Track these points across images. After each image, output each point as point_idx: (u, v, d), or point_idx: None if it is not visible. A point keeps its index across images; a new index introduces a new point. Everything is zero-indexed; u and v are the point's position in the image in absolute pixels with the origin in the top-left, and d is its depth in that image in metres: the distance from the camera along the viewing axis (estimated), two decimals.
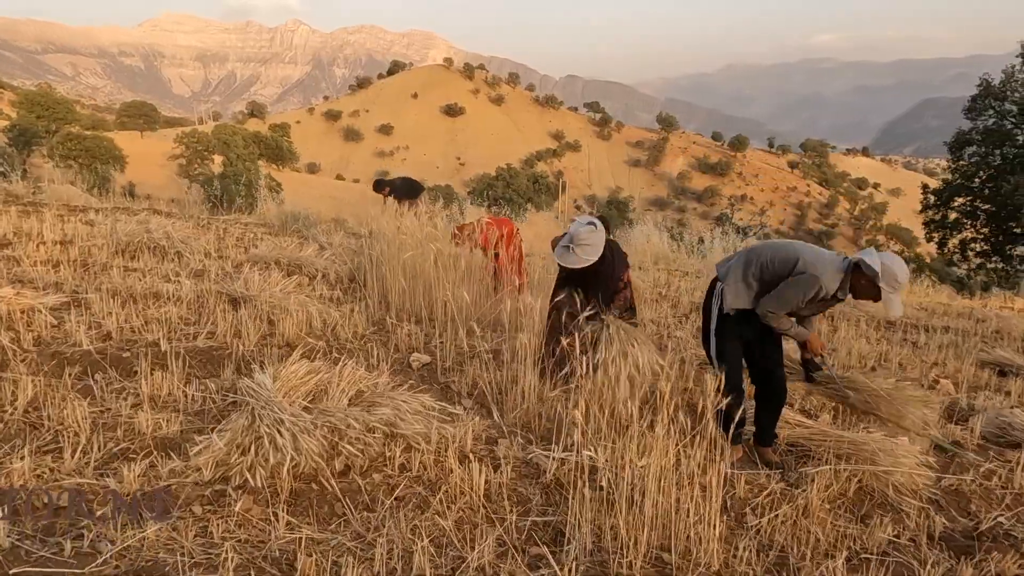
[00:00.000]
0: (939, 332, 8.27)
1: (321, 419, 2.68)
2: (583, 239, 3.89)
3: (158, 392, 3.18)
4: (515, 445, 3.00)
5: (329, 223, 9.70)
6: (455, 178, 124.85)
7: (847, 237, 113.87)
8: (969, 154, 18.23)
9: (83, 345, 3.78)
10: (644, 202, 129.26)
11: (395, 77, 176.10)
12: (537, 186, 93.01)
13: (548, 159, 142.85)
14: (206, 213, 10.37)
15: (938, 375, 5.62)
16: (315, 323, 4.72)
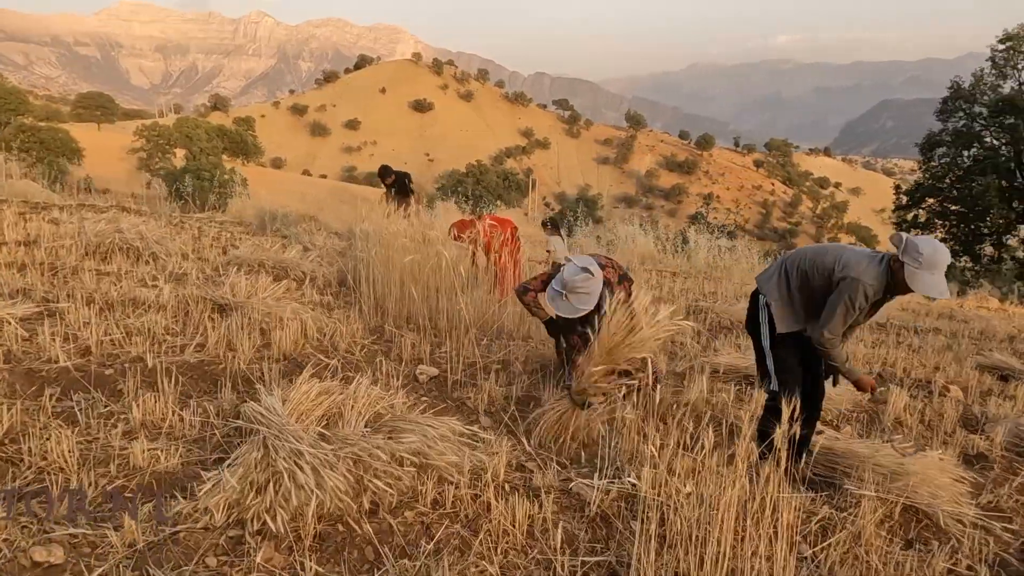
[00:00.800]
0: (930, 334, 8.29)
1: (343, 450, 2.40)
2: (579, 287, 3.56)
3: (150, 417, 2.86)
4: (550, 472, 2.76)
5: (310, 222, 9.31)
6: (424, 174, 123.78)
7: (810, 235, 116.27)
8: (939, 155, 18.55)
9: (60, 361, 3.42)
10: (613, 199, 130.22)
11: (363, 71, 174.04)
12: (507, 183, 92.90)
13: (518, 156, 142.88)
14: (177, 211, 9.88)
15: (947, 382, 5.54)
16: (310, 332, 4.41)
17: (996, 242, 17.53)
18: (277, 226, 9.22)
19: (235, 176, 18.71)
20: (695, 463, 2.95)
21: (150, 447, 2.56)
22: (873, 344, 7.22)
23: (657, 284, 9.11)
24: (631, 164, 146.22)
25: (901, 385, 5.40)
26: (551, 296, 3.64)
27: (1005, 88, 17.33)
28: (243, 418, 2.76)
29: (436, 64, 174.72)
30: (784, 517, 2.19)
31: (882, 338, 7.60)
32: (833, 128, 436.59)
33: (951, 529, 3.03)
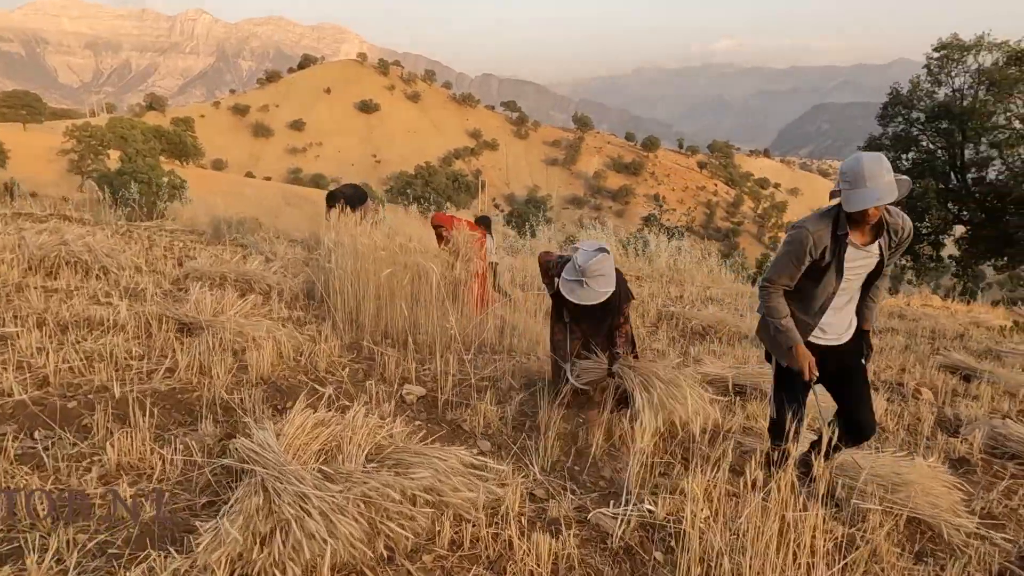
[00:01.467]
0: (889, 334, 8.53)
1: (352, 490, 2.22)
2: (596, 269, 3.45)
3: (125, 457, 2.61)
4: (564, 501, 2.63)
5: (266, 230, 8.93)
6: (372, 176, 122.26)
7: (752, 234, 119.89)
8: None
9: (15, 394, 3.11)
10: (562, 200, 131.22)
11: (307, 71, 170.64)
12: (457, 184, 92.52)
13: (466, 157, 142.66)
14: (123, 219, 9.34)
15: (917, 384, 5.67)
16: (286, 352, 4.17)
17: (934, 241, 18.31)
18: (232, 234, 8.83)
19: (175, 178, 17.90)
20: (708, 485, 2.88)
21: (131, 493, 2.32)
22: None
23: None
24: (579, 165, 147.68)
25: (875, 389, 5.50)
26: (568, 288, 3.45)
27: (940, 95, 18.13)
28: (233, 456, 2.55)
29: (382, 65, 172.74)
30: (809, 540, 2.12)
31: None
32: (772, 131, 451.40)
33: (954, 540, 3.05)
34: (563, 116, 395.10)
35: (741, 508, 2.64)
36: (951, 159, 17.87)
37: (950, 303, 13.79)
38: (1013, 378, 6.31)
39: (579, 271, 3.45)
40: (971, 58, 17.29)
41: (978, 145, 17.51)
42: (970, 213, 17.95)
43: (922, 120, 17.98)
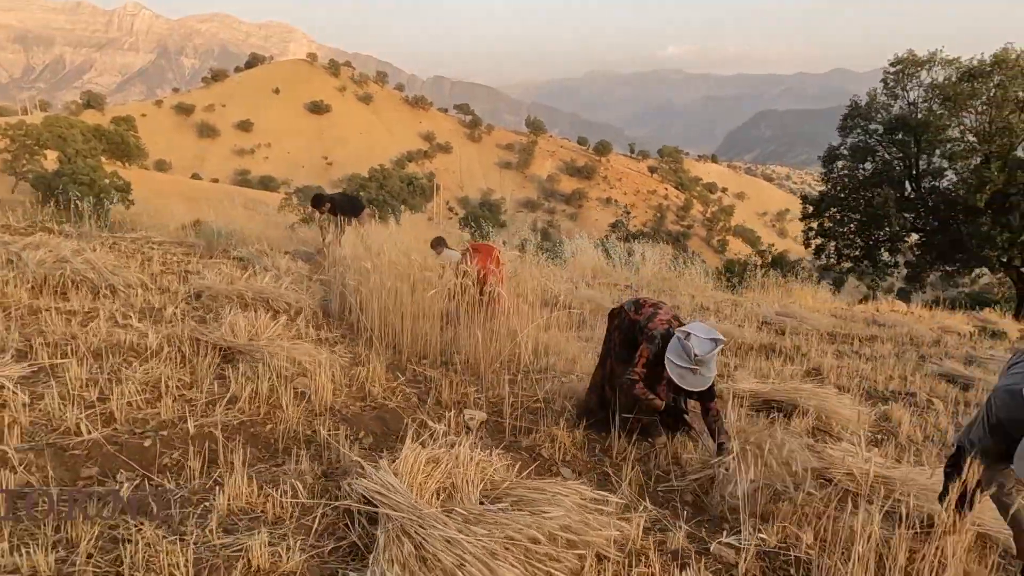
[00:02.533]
0: (878, 343, 8.88)
1: (496, 533, 2.20)
2: (710, 358, 3.38)
3: (235, 501, 2.51)
4: (679, 532, 2.66)
5: (261, 243, 8.67)
6: (323, 178, 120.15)
7: (700, 237, 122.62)
8: (839, 168, 20.00)
9: (83, 433, 2.96)
10: (515, 204, 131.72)
11: (254, 71, 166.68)
12: (411, 188, 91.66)
13: (419, 160, 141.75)
14: (106, 230, 8.94)
15: (929, 395, 5.92)
16: (338, 378, 4.08)
17: (891, 248, 19.12)
18: (223, 246, 8.57)
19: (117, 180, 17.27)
20: (797, 510, 2.96)
21: (265, 544, 2.23)
22: (834, 354, 7.63)
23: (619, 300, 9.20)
24: (533, 169, 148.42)
25: (889, 400, 5.73)
26: (679, 374, 3.37)
27: (895, 108, 18.95)
28: (351, 497, 2.49)
29: (333, 65, 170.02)
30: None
31: (840, 348, 8.04)
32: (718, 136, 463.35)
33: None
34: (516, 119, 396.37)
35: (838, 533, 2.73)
36: (907, 169, 18.71)
37: (914, 308, 14.42)
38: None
39: (694, 360, 3.35)
40: (925, 73, 18.16)
41: (931, 156, 18.39)
42: (924, 221, 18.82)
43: (880, 132, 18.75)
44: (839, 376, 6.35)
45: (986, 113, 16.44)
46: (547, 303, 7.40)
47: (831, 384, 5.70)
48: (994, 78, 16.21)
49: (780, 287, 13.63)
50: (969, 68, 16.74)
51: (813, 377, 6.26)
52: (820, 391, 4.86)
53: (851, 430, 4.53)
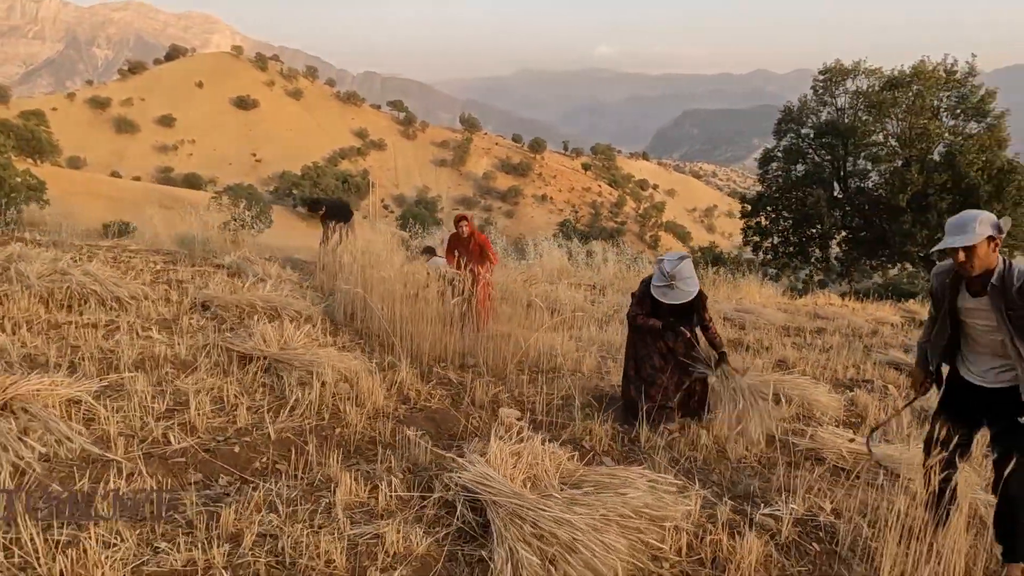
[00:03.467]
0: (826, 335, 9.69)
1: (593, 513, 2.58)
2: (685, 273, 4.12)
3: (349, 496, 2.79)
4: (724, 506, 3.10)
5: (246, 249, 8.68)
6: (251, 175, 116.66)
7: (634, 233, 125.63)
8: (774, 169, 21.24)
9: (172, 442, 3.16)
10: (452, 201, 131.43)
11: (176, 63, 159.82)
12: (346, 185, 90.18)
13: (353, 157, 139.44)
14: (85, 239, 8.74)
15: (883, 382, 6.63)
16: (376, 383, 4.34)
17: (822, 245, 20.48)
18: (203, 252, 8.55)
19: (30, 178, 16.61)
20: (813, 485, 3.47)
21: (381, 531, 2.53)
22: (792, 347, 8.34)
23: (593, 300, 9.69)
24: (468, 166, 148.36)
25: (852, 387, 6.41)
26: (660, 292, 4.10)
27: (824, 114, 20.29)
28: (453, 489, 2.81)
29: (260, 59, 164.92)
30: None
31: (795, 341, 8.78)
32: (647, 134, 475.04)
33: None
34: (449, 116, 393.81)
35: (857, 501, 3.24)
36: (836, 171, 20.08)
37: (848, 301, 15.57)
38: None
39: (668, 276, 4.09)
40: (850, 82, 19.53)
41: (857, 159, 19.82)
42: (851, 219, 20.25)
43: (811, 136, 20.03)
44: (804, 367, 7.01)
45: (906, 119, 17.88)
46: (530, 305, 7.80)
47: (791, 374, 6.32)
48: (913, 88, 17.65)
49: (729, 284, 14.50)
50: (891, 78, 18.16)
51: (782, 369, 6.90)
52: (800, 381, 5.44)
53: (830, 415, 5.13)
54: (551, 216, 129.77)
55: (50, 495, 2.46)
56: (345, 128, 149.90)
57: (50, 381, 3.27)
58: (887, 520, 2.90)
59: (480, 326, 5.92)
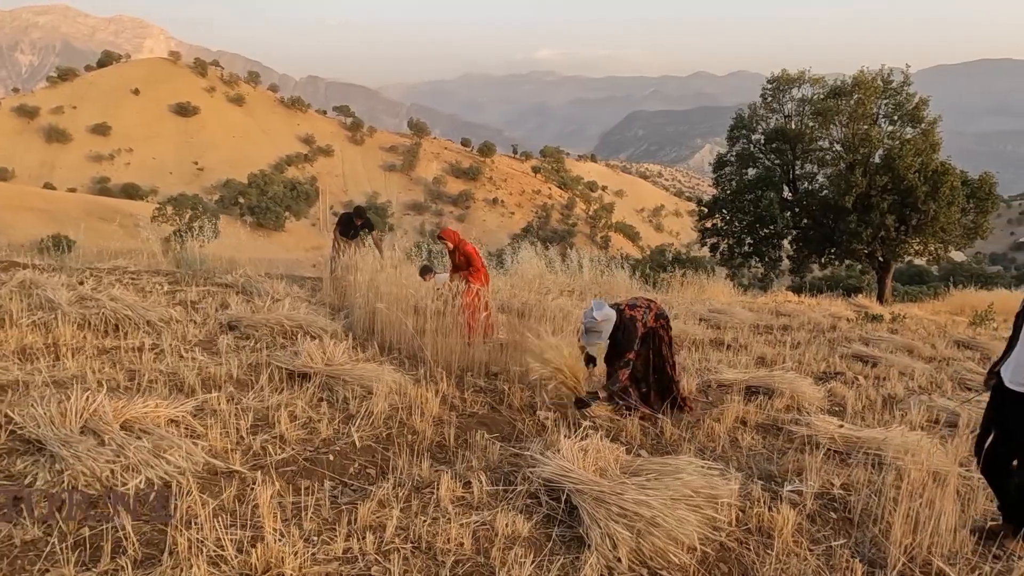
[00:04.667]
0: (792, 331, 10.48)
1: (662, 492, 3.09)
2: (586, 327, 4.83)
3: (451, 493, 3.21)
4: (754, 485, 3.65)
5: (243, 269, 8.88)
6: (194, 184, 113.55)
7: (585, 234, 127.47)
8: (727, 173, 22.29)
9: (273, 453, 3.52)
10: (402, 206, 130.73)
11: (109, 69, 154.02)
12: (295, 192, 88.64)
13: (300, 164, 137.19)
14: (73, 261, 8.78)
15: (853, 373, 7.37)
16: (430, 394, 4.72)
17: (775, 245, 21.60)
18: (205, 272, 8.73)
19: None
20: (822, 465, 4.06)
21: (490, 519, 2.98)
22: (766, 343, 9.07)
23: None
24: (418, 171, 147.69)
25: (827, 380, 7.11)
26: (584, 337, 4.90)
27: (772, 121, 21.44)
28: (535, 482, 3.28)
29: (199, 64, 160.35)
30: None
31: (769, 338, 9.51)
32: (593, 136, 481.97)
33: None
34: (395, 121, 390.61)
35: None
36: (786, 174, 21.24)
37: (803, 297, 16.59)
38: (899, 361, 8.33)
39: (585, 325, 4.84)
40: (796, 90, 20.73)
41: (805, 163, 21.02)
42: (800, 219, 21.43)
43: (761, 141, 21.14)
44: (783, 363, 7.70)
45: (849, 126, 19.12)
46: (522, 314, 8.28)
47: (779, 369, 7.00)
48: (854, 96, 18.90)
49: (694, 285, 15.32)
50: (834, 87, 19.40)
51: (762, 365, 7.58)
52: (788, 376, 6.10)
53: (816, 405, 5.78)
54: (503, 219, 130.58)
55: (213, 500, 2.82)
56: (291, 134, 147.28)
57: (154, 403, 3.59)
58: (895, 489, 3.51)
59: (471, 336, 6.20)
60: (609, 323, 4.77)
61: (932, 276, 36.89)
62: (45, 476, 2.83)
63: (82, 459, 2.89)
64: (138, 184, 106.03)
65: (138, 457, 2.99)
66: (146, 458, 3.00)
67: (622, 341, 4.81)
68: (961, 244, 19.85)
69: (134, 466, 2.96)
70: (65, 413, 3.25)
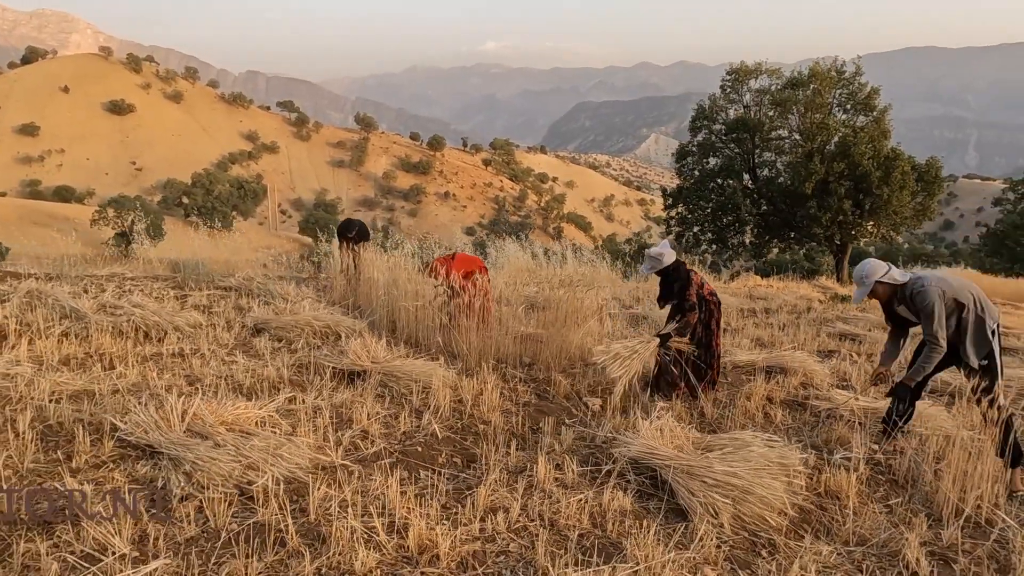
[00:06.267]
0: (774, 314, 11.00)
1: (745, 464, 3.37)
2: (651, 252, 5.38)
3: (547, 475, 3.42)
4: (809, 455, 3.98)
5: (245, 272, 8.82)
6: (133, 186, 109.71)
7: (539, 226, 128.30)
8: (690, 163, 22.94)
9: (363, 448, 3.67)
10: (353, 203, 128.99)
11: (34, 66, 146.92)
12: (242, 192, 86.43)
13: (244, 162, 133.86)
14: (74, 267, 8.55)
15: (845, 351, 7.85)
16: (491, 386, 4.86)
17: (738, 231, 22.38)
18: (202, 276, 8.64)
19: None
20: (857, 433, 4.42)
21: (597, 496, 3.21)
22: (755, 325, 9.53)
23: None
24: (367, 166, 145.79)
25: (825, 357, 7.57)
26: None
27: (732, 111, 22.16)
28: (623, 461, 3.52)
29: (133, 60, 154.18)
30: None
31: (757, 321, 9.99)
32: (541, 128, 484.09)
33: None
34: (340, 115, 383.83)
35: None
36: (746, 163, 21.99)
37: (773, 281, 17.29)
38: (880, 338, 8.89)
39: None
40: (754, 81, 21.47)
41: (764, 152, 21.82)
42: (760, 206, 22.25)
43: (722, 131, 21.83)
44: (781, 344, 8.14)
45: (807, 115, 19.95)
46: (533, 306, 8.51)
47: (788, 350, 7.42)
48: (810, 86, 19.72)
49: None
50: (791, 78, 20.20)
51: (762, 346, 8.00)
52: (798, 355, 6.50)
53: (827, 382, 6.19)
54: (455, 213, 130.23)
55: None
56: (233, 131, 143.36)
57: (243, 405, 3.68)
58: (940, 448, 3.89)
59: (487, 323, 6.29)
60: (670, 257, 5.27)
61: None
62: (176, 479, 2.91)
63: (206, 461, 2.98)
64: (72, 186, 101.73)
65: (256, 456, 3.10)
66: (264, 457, 3.11)
67: (679, 282, 5.24)
68: (911, 226, 20.98)
69: (255, 464, 3.06)
70: (168, 418, 3.32)
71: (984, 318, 3.98)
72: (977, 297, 4.01)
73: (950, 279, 4.12)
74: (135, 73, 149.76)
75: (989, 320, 3.99)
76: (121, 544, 2.44)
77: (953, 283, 4.06)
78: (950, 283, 4.05)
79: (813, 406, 5.32)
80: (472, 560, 2.62)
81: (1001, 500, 3.60)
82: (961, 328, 4.00)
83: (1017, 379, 6.12)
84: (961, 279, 4.17)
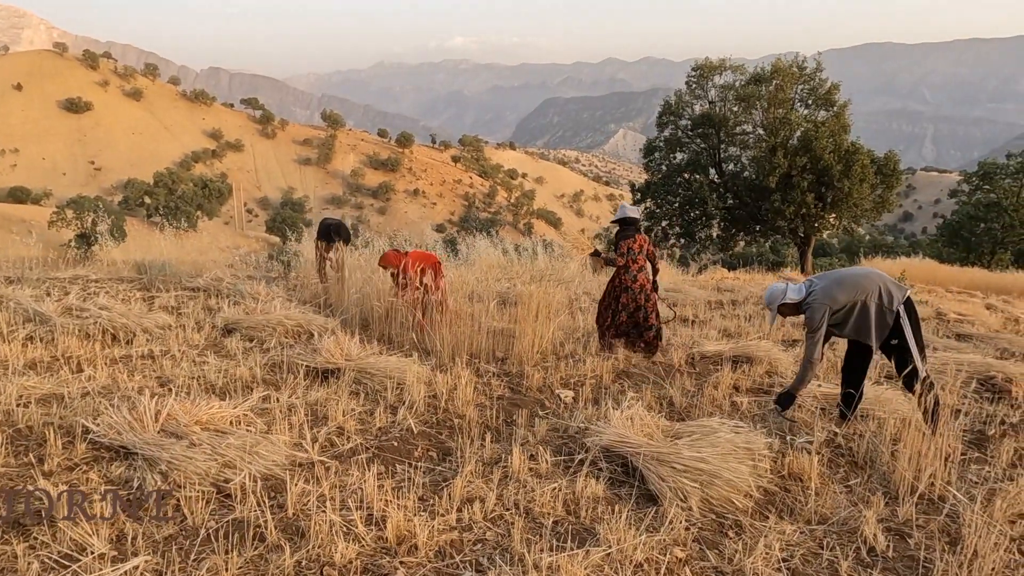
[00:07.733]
0: (741, 306, 11.24)
1: (717, 448, 3.50)
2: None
3: (521, 465, 3.50)
4: (774, 439, 4.13)
5: (213, 272, 8.72)
6: (92, 185, 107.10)
7: (509, 222, 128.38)
8: (657, 158, 23.23)
9: (339, 445, 3.70)
10: (321, 201, 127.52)
11: None
12: (207, 191, 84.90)
13: (208, 160, 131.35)
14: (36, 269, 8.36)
15: None
16: (465, 381, 4.92)
17: (705, 225, 22.74)
18: (169, 277, 8.53)
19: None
20: (819, 418, 4.59)
21: (569, 485, 3.30)
22: (722, 317, 9.74)
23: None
24: (335, 164, 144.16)
25: (788, 346, 7.78)
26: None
27: (697, 107, 22.49)
28: (595, 449, 3.62)
29: (89, 56, 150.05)
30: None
31: (726, 312, 10.20)
32: (510, 124, 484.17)
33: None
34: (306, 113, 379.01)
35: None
36: (712, 157, 22.35)
37: (739, 273, 17.62)
38: None
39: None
40: (719, 77, 21.81)
41: (730, 146, 22.20)
42: (726, 200, 22.64)
43: (688, 127, 22.15)
44: (747, 335, 8.34)
45: (770, 110, 20.35)
46: (505, 301, 8.59)
47: (754, 340, 7.61)
48: (773, 82, 20.12)
49: None
50: (755, 74, 20.57)
51: (729, 337, 8.19)
52: (763, 345, 6.68)
53: (791, 370, 6.38)
54: (425, 210, 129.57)
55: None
56: (196, 129, 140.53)
57: (217, 405, 3.68)
58: (897, 430, 4.06)
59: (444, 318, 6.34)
60: (632, 211, 6.58)
61: (834, 249, 39.60)
62: (152, 479, 2.92)
63: (182, 460, 2.99)
64: (27, 187, 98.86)
65: (232, 454, 3.12)
66: (240, 455, 3.13)
67: (622, 236, 6.39)
68: (871, 218, 21.56)
69: (231, 463, 3.08)
70: (141, 419, 3.32)
71: (883, 305, 4.27)
72: (880, 287, 4.28)
73: (846, 281, 4.33)
74: (92, 70, 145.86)
75: (893, 304, 4.27)
76: (99, 544, 2.45)
77: (847, 285, 4.31)
78: (842, 289, 4.29)
79: (778, 393, 5.49)
80: (450, 549, 2.68)
81: (953, 477, 3.78)
82: (863, 320, 4.29)
83: (968, 363, 6.38)
84: (861, 275, 4.36)
